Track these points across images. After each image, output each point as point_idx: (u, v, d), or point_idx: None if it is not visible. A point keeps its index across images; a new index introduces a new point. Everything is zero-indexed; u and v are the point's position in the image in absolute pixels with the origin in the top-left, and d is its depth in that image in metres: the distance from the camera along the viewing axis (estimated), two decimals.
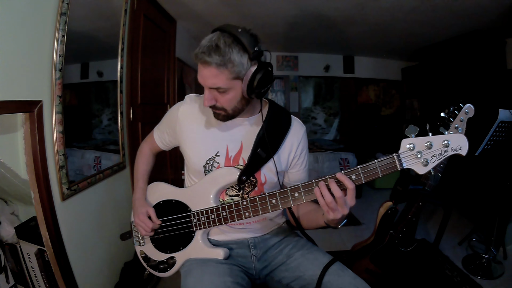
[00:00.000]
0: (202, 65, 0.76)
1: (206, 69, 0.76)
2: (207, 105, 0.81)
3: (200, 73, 0.78)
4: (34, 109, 1.02)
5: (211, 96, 0.80)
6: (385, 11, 2.47)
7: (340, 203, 0.70)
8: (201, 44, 0.76)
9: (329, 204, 0.70)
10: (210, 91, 0.80)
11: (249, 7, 2.45)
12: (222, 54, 0.73)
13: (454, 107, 1.04)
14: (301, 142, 0.95)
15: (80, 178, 1.32)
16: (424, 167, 0.68)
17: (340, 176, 0.70)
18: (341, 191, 0.70)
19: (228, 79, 0.76)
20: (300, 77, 4.53)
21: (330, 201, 0.70)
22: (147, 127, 1.95)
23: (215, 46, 0.74)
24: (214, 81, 0.76)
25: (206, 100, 0.80)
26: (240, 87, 0.79)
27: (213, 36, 0.76)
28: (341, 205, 0.70)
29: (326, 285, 0.79)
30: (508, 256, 2.04)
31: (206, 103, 0.81)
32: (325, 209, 0.72)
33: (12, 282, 1.27)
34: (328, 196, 0.70)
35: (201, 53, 0.74)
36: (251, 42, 0.76)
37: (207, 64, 0.75)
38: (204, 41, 0.76)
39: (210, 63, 0.74)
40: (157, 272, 0.98)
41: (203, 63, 0.75)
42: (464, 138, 0.66)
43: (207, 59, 0.74)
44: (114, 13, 1.60)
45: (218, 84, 0.77)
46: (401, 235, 1.52)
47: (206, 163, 0.89)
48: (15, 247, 1.25)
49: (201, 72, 0.77)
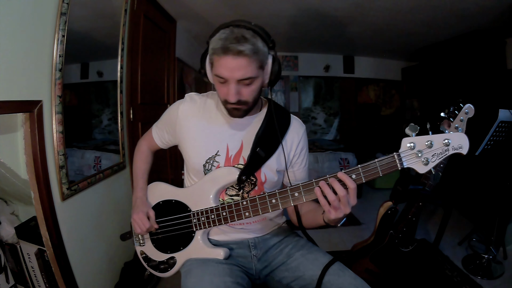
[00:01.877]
0: (233, 56, 0.73)
1: (237, 59, 0.73)
2: (234, 100, 0.78)
3: (229, 65, 0.74)
4: (34, 109, 1.02)
5: (237, 90, 0.77)
6: (385, 11, 2.47)
7: (344, 202, 0.70)
8: (223, 38, 0.73)
9: (332, 203, 0.70)
10: (236, 85, 0.77)
11: (249, 7, 2.45)
12: (252, 43, 0.73)
13: (454, 107, 1.04)
14: (301, 140, 0.95)
15: (80, 178, 1.32)
16: (425, 166, 0.67)
17: (342, 175, 0.70)
18: (344, 190, 0.69)
19: (256, 68, 0.77)
20: (300, 77, 4.53)
21: (333, 200, 0.70)
22: (147, 127, 1.93)
23: (242, 36, 0.73)
24: (245, 71, 0.75)
25: (233, 94, 0.77)
26: (262, 76, 0.81)
27: (232, 30, 0.74)
28: (344, 204, 0.70)
29: (326, 285, 0.79)
30: (508, 256, 2.04)
31: (233, 98, 0.77)
32: (326, 208, 0.72)
33: (12, 282, 1.27)
34: (331, 195, 0.70)
35: (231, 44, 0.72)
36: (266, 33, 0.78)
37: (240, 54, 0.73)
38: (222, 35, 0.74)
39: (243, 52, 0.72)
40: (157, 272, 0.98)
41: (235, 54, 0.72)
42: (464, 137, 0.66)
43: (240, 48, 0.72)
44: (114, 13, 1.60)
45: (248, 74, 0.75)
46: (401, 235, 1.52)
47: (206, 162, 0.89)
48: (15, 247, 1.25)
49: (230, 64, 0.74)
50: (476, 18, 2.48)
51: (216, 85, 0.82)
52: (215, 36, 0.77)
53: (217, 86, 0.82)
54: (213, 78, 0.82)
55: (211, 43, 0.77)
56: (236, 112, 0.84)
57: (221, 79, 0.77)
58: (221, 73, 0.76)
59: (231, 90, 0.77)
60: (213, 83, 0.84)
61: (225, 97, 0.80)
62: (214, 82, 0.82)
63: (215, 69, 0.78)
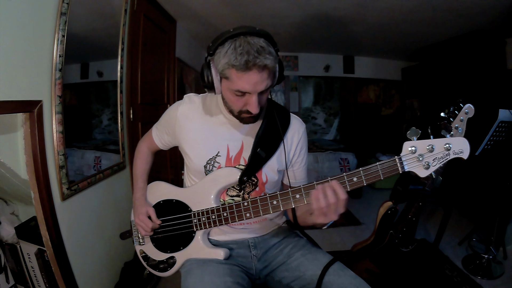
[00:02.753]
0: (258, 70, 0.71)
1: (262, 72, 0.72)
2: (257, 111, 0.77)
3: (253, 80, 0.72)
4: (34, 109, 1.02)
5: (259, 101, 0.77)
6: (385, 11, 2.46)
7: (332, 209, 0.70)
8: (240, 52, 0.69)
9: (323, 209, 0.70)
10: (257, 96, 0.76)
11: (249, 7, 2.45)
12: (269, 52, 0.72)
13: (454, 107, 1.04)
14: (301, 139, 0.96)
15: (80, 178, 1.32)
16: (426, 170, 0.68)
17: (335, 185, 0.70)
18: (335, 198, 0.69)
19: (273, 76, 0.77)
20: (300, 77, 4.53)
21: (324, 206, 0.70)
22: (147, 127, 1.93)
23: (261, 47, 0.70)
24: (267, 82, 0.74)
25: (256, 107, 0.76)
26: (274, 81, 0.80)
27: (245, 41, 0.71)
28: (332, 211, 0.70)
29: (326, 285, 0.79)
30: (508, 256, 2.04)
31: (256, 110, 0.76)
32: (316, 213, 0.72)
33: (12, 282, 1.27)
34: (322, 201, 0.70)
35: (255, 58, 0.69)
36: (270, 36, 0.76)
37: (265, 68, 0.71)
38: (238, 49, 0.70)
39: (268, 65, 0.71)
40: (157, 272, 0.98)
41: (260, 67, 0.70)
42: (465, 142, 0.67)
43: (265, 61, 0.70)
44: (114, 13, 1.60)
45: (269, 84, 0.75)
46: (401, 235, 1.52)
47: (206, 163, 0.89)
48: (15, 247, 1.25)
49: (254, 78, 0.72)
50: (476, 18, 2.48)
51: (229, 98, 0.80)
52: (224, 48, 0.73)
53: (232, 99, 0.79)
54: (227, 92, 0.78)
55: (223, 57, 0.73)
56: (252, 120, 0.84)
57: (240, 93, 0.75)
58: (244, 88, 0.74)
59: (254, 103, 0.76)
60: (223, 95, 0.82)
61: (241, 109, 0.79)
62: (227, 95, 0.79)
63: (234, 84, 0.74)
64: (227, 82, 0.76)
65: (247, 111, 0.79)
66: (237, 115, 0.83)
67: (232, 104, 0.81)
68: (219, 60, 0.74)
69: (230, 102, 0.81)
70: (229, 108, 0.84)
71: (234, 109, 0.81)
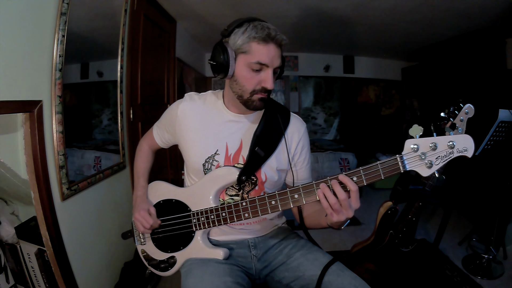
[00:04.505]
0: (276, 45, 0.79)
1: (278, 48, 0.80)
2: (273, 86, 0.82)
3: (271, 53, 0.79)
4: (34, 109, 1.02)
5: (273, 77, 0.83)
6: (385, 11, 2.47)
7: (345, 205, 0.69)
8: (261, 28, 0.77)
9: (333, 206, 0.69)
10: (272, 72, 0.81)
11: (249, 7, 2.45)
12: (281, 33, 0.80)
13: (454, 107, 1.03)
14: (302, 138, 0.95)
15: (80, 178, 1.32)
16: (428, 169, 0.66)
17: (343, 177, 0.69)
18: (345, 193, 0.68)
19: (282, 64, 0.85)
20: (300, 77, 4.53)
21: (334, 203, 0.69)
22: (147, 127, 1.93)
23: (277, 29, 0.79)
24: (280, 60, 0.82)
25: (272, 81, 0.81)
26: None
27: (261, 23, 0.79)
28: (346, 208, 0.69)
29: (326, 285, 0.79)
30: (508, 256, 2.04)
31: (272, 84, 0.81)
32: (329, 211, 0.70)
33: (12, 282, 1.27)
34: (332, 198, 0.69)
35: (276, 34, 0.78)
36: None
37: (281, 44, 0.80)
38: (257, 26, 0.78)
39: (284, 42, 0.80)
40: (158, 271, 0.98)
41: (278, 42, 0.79)
42: (470, 139, 0.65)
43: (283, 38, 0.79)
44: (114, 13, 1.60)
45: (280, 63, 0.83)
46: (401, 235, 1.52)
47: (205, 162, 0.89)
48: (15, 247, 1.25)
49: (272, 52, 0.79)
50: (476, 18, 2.48)
51: (244, 76, 0.81)
52: (242, 27, 0.78)
53: (247, 76, 0.80)
54: (244, 68, 0.80)
55: (242, 34, 0.78)
56: (261, 103, 0.84)
57: (258, 66, 0.79)
58: (263, 60, 0.78)
59: (270, 78, 0.80)
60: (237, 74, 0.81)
61: (255, 88, 0.81)
62: (243, 72, 0.81)
63: (253, 57, 0.78)
64: (245, 57, 0.79)
65: (260, 90, 0.82)
66: (248, 97, 0.83)
67: (246, 83, 0.81)
68: (237, 38, 0.79)
69: (244, 81, 0.81)
70: (240, 90, 0.83)
71: (247, 88, 0.81)
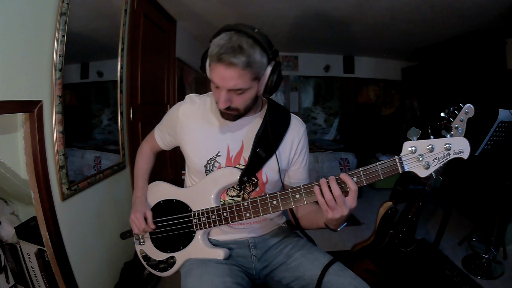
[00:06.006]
0: (225, 67, 0.72)
1: (229, 70, 0.72)
2: (223, 107, 0.79)
3: (221, 74, 0.74)
4: (34, 109, 1.02)
5: (228, 98, 0.77)
6: (385, 11, 2.46)
7: (340, 202, 0.70)
8: (220, 45, 0.72)
9: (329, 202, 0.70)
10: (227, 93, 0.77)
11: (249, 7, 2.45)
12: (247, 55, 0.71)
13: (454, 107, 1.04)
14: (301, 139, 0.95)
15: (80, 178, 1.32)
16: (426, 170, 0.68)
17: (344, 176, 0.70)
18: (339, 190, 0.70)
19: (250, 80, 0.75)
20: (300, 77, 4.53)
21: (330, 199, 0.70)
22: (147, 127, 1.95)
23: (239, 47, 0.71)
24: (236, 82, 0.74)
25: (223, 102, 0.77)
26: (257, 87, 0.79)
27: (231, 37, 0.72)
28: (340, 205, 0.70)
29: (326, 285, 0.79)
30: (508, 256, 2.04)
31: (222, 105, 0.78)
32: (324, 207, 0.72)
33: (12, 282, 1.27)
34: (328, 194, 0.70)
35: (225, 54, 0.70)
36: (267, 42, 0.76)
37: (232, 65, 0.71)
38: (221, 41, 0.72)
39: (236, 64, 0.71)
40: (157, 272, 0.98)
41: (228, 65, 0.71)
42: (465, 142, 0.67)
43: (233, 60, 0.70)
44: (114, 13, 1.60)
45: (239, 85, 0.74)
46: (401, 235, 1.52)
47: (207, 163, 0.89)
48: (15, 247, 1.25)
49: (222, 73, 0.73)
50: (476, 18, 2.48)
51: (212, 88, 0.82)
52: (216, 39, 0.75)
53: (212, 89, 0.82)
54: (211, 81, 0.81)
55: (211, 46, 0.75)
56: (227, 116, 0.84)
57: (213, 84, 0.78)
58: (214, 80, 0.76)
59: (221, 97, 0.77)
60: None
61: (217, 101, 0.81)
62: (211, 84, 0.81)
63: (210, 74, 0.79)
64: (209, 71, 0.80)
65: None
66: (219, 108, 0.83)
67: (214, 95, 0.83)
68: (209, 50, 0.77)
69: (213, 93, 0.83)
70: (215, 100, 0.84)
71: (216, 100, 0.82)
